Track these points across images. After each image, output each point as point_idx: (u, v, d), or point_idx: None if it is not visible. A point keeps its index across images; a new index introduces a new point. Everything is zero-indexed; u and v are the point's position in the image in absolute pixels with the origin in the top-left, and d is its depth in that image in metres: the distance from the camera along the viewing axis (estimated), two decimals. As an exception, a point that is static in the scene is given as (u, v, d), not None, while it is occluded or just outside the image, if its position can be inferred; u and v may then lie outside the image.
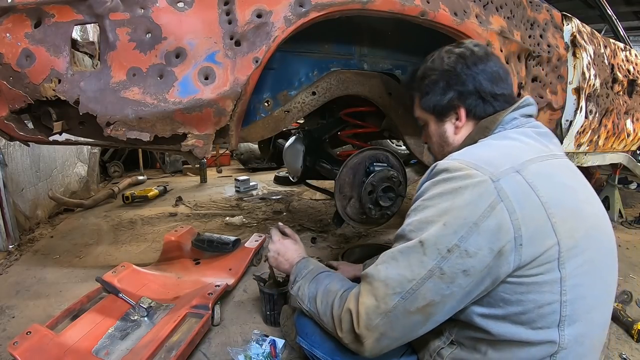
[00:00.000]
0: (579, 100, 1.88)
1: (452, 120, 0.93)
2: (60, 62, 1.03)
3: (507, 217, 0.68)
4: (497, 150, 0.79)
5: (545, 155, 0.79)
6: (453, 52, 0.92)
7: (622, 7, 5.71)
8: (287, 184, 3.74)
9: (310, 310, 0.95)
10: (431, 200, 0.75)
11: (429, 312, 0.73)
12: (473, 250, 0.69)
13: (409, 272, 0.73)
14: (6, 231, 2.16)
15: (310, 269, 1.04)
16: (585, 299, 0.73)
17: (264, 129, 1.45)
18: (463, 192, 0.71)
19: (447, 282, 0.71)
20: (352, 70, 1.56)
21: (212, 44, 1.08)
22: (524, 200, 0.70)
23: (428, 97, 0.94)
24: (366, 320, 0.76)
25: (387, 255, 0.78)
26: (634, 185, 4.08)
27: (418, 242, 0.73)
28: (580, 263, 0.72)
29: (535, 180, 0.72)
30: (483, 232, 0.69)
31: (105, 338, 1.31)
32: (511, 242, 0.68)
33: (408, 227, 0.77)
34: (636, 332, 1.46)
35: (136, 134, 1.08)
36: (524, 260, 0.69)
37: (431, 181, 0.78)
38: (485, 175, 0.71)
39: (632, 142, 2.58)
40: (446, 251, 0.70)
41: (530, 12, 1.65)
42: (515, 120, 0.85)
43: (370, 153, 1.63)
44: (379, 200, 1.59)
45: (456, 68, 0.89)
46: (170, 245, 1.91)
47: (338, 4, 1.14)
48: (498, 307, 0.73)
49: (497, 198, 0.69)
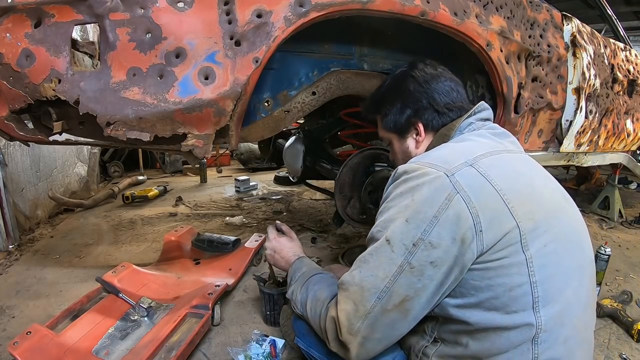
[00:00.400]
0: (579, 100, 1.88)
1: (412, 135, 0.99)
2: (60, 62, 1.03)
3: (464, 207, 0.72)
4: (451, 149, 0.85)
5: (499, 150, 0.84)
6: (404, 74, 1.00)
7: (622, 7, 5.71)
8: (287, 184, 3.74)
9: (303, 315, 0.98)
10: (393, 201, 0.80)
11: (406, 307, 0.76)
12: (436, 241, 0.73)
13: (381, 271, 0.76)
14: (6, 231, 2.16)
15: (303, 272, 1.06)
16: (555, 278, 0.75)
17: (264, 129, 1.45)
18: (421, 188, 0.76)
19: (417, 275, 0.74)
20: (352, 70, 1.56)
21: (212, 44, 1.08)
22: (479, 189, 0.74)
23: (388, 118, 1.01)
24: (347, 326, 0.79)
25: (359, 260, 0.82)
26: (634, 185, 4.08)
27: (385, 240, 0.77)
28: (544, 243, 0.75)
29: (488, 170, 0.77)
30: (443, 222, 0.73)
31: (105, 338, 1.31)
32: (471, 229, 0.72)
33: (375, 229, 0.81)
34: (636, 332, 1.46)
35: (136, 134, 1.08)
36: (486, 245, 0.72)
37: (393, 184, 0.83)
38: (440, 171, 0.76)
39: (632, 142, 2.58)
40: (412, 245, 0.74)
41: (530, 12, 1.65)
42: (472, 125, 0.91)
43: (370, 153, 1.63)
44: (379, 200, 1.59)
45: (409, 88, 0.97)
46: (170, 245, 1.91)
47: (338, 4, 1.14)
48: (470, 295, 0.75)
49: (453, 190, 0.73)
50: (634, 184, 4.08)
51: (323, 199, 3.25)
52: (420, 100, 0.95)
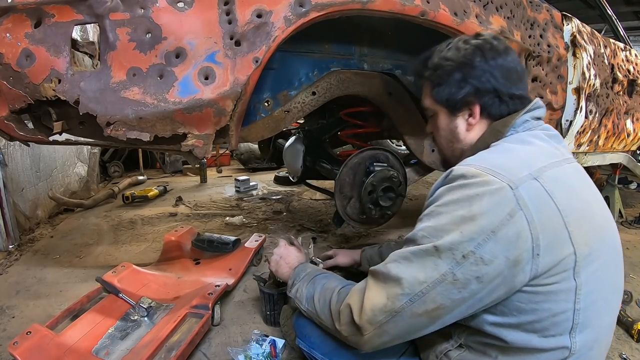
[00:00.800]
0: (579, 100, 1.89)
1: (464, 116, 0.88)
2: (60, 62, 1.03)
3: (525, 226, 0.67)
4: (512, 155, 0.76)
5: (559, 160, 0.77)
6: (470, 43, 0.86)
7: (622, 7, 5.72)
8: (287, 184, 3.74)
9: (308, 310, 0.96)
10: (446, 207, 0.72)
11: (437, 315, 0.72)
12: (488, 258, 0.67)
13: (421, 274, 0.71)
14: (6, 231, 2.16)
15: (308, 272, 1.05)
16: (596, 304, 0.73)
17: (264, 129, 1.46)
18: (481, 199, 0.69)
19: (458, 287, 0.69)
20: (352, 70, 1.56)
21: (212, 44, 1.08)
22: (542, 208, 0.69)
23: (441, 89, 0.88)
24: (370, 315, 0.76)
25: (398, 255, 0.76)
26: (634, 185, 4.09)
27: (433, 247, 0.71)
28: (593, 270, 0.72)
29: (552, 186, 0.71)
30: (500, 240, 0.67)
31: (105, 338, 1.31)
32: (528, 251, 0.67)
33: (421, 233, 0.74)
34: (636, 332, 1.46)
35: (136, 134, 1.08)
36: (540, 270, 0.68)
37: (447, 187, 0.75)
38: (503, 182, 0.69)
39: (632, 142, 2.58)
40: (461, 257, 0.68)
41: (530, 12, 1.65)
42: (527, 123, 0.83)
43: (370, 153, 1.63)
44: (379, 200, 1.59)
45: (474, 61, 0.84)
46: (170, 245, 1.91)
47: (338, 4, 1.14)
48: (512, 315, 0.72)
49: (516, 206, 0.67)
50: (634, 184, 4.08)
51: (323, 199, 3.25)
52: (484, 80, 0.83)
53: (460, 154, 0.90)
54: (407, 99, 1.71)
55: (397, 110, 1.69)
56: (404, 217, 2.79)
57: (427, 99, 0.94)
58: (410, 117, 1.74)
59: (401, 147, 4.11)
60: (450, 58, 0.87)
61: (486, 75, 0.83)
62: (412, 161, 2.01)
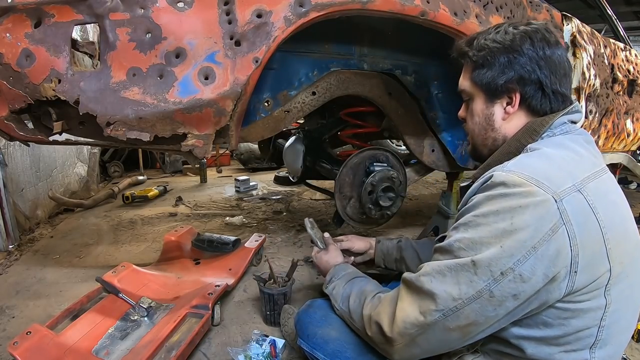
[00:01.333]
0: (579, 100, 1.88)
1: (503, 103, 0.84)
2: (60, 62, 1.03)
3: (567, 242, 0.65)
4: (554, 163, 0.72)
5: (599, 171, 0.74)
6: (520, 28, 0.82)
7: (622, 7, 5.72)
8: (287, 184, 3.74)
9: (341, 310, 0.96)
10: (486, 218, 0.68)
11: (469, 330, 0.71)
12: (527, 275, 0.65)
13: (456, 291, 0.69)
14: (6, 231, 2.16)
15: (348, 272, 1.06)
16: (619, 322, 0.72)
17: (264, 129, 1.46)
18: (524, 212, 0.65)
19: (494, 304, 0.67)
20: (352, 70, 1.56)
21: (212, 44, 1.09)
22: (584, 223, 0.66)
23: (483, 71, 0.83)
24: (402, 328, 0.74)
25: (431, 268, 0.73)
26: (634, 185, 4.09)
27: (470, 261, 0.68)
28: (622, 288, 0.71)
29: (595, 200, 0.68)
30: (541, 257, 0.64)
31: (105, 338, 1.31)
32: (567, 268, 0.65)
33: (457, 244, 0.71)
34: (636, 332, 1.46)
35: (136, 134, 1.08)
36: (576, 287, 0.66)
37: (485, 195, 0.70)
38: (547, 193, 0.65)
39: (632, 142, 2.58)
40: (499, 274, 0.66)
41: (530, 12, 1.65)
42: (564, 126, 0.79)
43: (370, 153, 1.63)
44: (379, 200, 1.59)
45: (522, 47, 0.79)
46: (170, 245, 1.91)
47: (338, 4, 1.14)
48: (537, 329, 0.71)
49: (559, 221, 0.64)
50: (634, 184, 4.08)
51: (323, 199, 3.25)
52: (529, 69, 0.79)
53: (492, 143, 0.87)
54: (407, 99, 1.71)
55: (397, 110, 1.69)
56: (404, 217, 2.79)
57: (465, 81, 0.89)
58: (410, 117, 1.74)
59: (401, 147, 4.11)
60: (498, 40, 0.82)
61: (532, 64, 0.79)
62: (412, 161, 2.01)
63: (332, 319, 0.99)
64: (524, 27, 0.82)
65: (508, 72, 0.81)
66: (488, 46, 0.83)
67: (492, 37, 0.83)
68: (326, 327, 0.99)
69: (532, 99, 0.81)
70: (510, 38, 0.81)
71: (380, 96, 1.64)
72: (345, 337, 0.95)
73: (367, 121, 1.91)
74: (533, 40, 0.80)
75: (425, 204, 3.24)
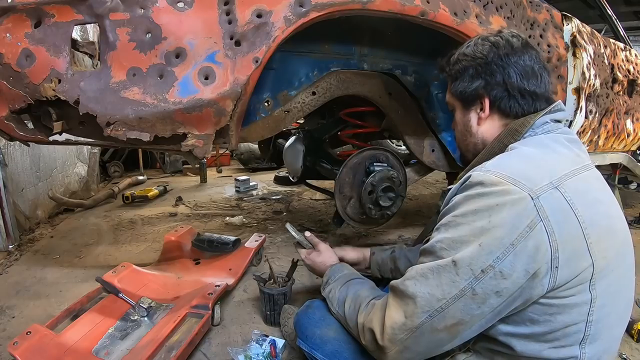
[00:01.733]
0: (579, 100, 1.88)
1: (476, 109, 0.91)
2: (60, 62, 1.03)
3: (545, 239, 0.66)
4: (532, 161, 0.74)
5: (579, 168, 0.76)
6: (488, 40, 0.89)
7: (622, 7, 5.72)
8: (287, 184, 3.74)
9: (337, 314, 0.97)
10: (465, 217, 0.71)
11: (457, 330, 0.72)
12: (508, 272, 0.66)
13: (439, 292, 0.70)
14: (6, 231, 2.16)
15: (344, 273, 1.06)
16: (608, 317, 0.73)
17: (264, 129, 1.46)
18: (501, 210, 0.67)
19: (478, 302, 0.69)
20: (352, 70, 1.56)
21: (212, 44, 1.08)
22: (563, 220, 0.67)
23: (457, 83, 0.92)
24: (391, 334, 0.75)
25: (415, 271, 0.75)
26: (634, 185, 4.08)
27: (451, 261, 0.70)
28: (608, 283, 0.71)
29: (573, 197, 0.69)
30: (520, 253, 0.66)
31: (105, 338, 1.31)
32: (547, 264, 0.66)
33: (439, 245, 0.73)
34: (636, 332, 1.46)
35: (136, 134, 1.08)
36: (558, 283, 0.67)
37: (464, 195, 0.73)
38: (524, 191, 0.67)
39: (632, 142, 2.58)
40: (480, 272, 0.67)
41: (530, 12, 1.65)
42: (546, 125, 0.82)
43: (370, 153, 1.63)
44: (379, 200, 1.59)
45: (487, 57, 0.87)
46: (170, 245, 1.91)
47: (338, 4, 1.14)
48: (524, 325, 0.72)
49: (536, 217, 0.66)
50: (634, 184, 4.08)
51: (323, 199, 3.25)
52: (494, 74, 0.85)
53: (473, 147, 0.93)
54: (407, 99, 1.71)
55: (397, 110, 1.69)
56: (404, 217, 2.79)
57: (447, 94, 0.98)
58: (410, 117, 1.74)
59: (401, 147, 4.11)
60: (467, 54, 0.90)
61: (498, 70, 0.85)
62: (412, 161, 2.01)
63: (331, 320, 1.00)
64: (492, 37, 0.89)
65: (475, 81, 0.88)
66: (459, 60, 0.92)
67: (463, 52, 0.92)
68: (325, 328, 0.99)
69: (501, 102, 0.86)
70: (479, 49, 0.89)
71: (380, 96, 1.64)
72: (344, 337, 0.95)
73: (367, 121, 1.90)
74: (498, 48, 0.87)
75: (425, 204, 3.24)
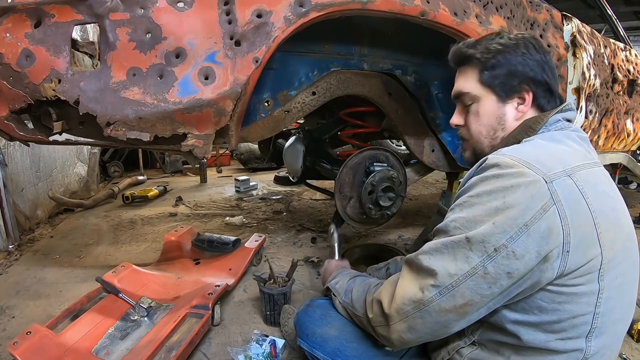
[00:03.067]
0: (578, 100, 1.88)
1: (514, 103, 0.87)
2: (60, 62, 1.03)
3: (558, 222, 0.66)
4: (547, 150, 0.75)
5: (590, 163, 0.76)
6: (518, 37, 0.88)
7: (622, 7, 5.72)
8: (287, 184, 3.74)
9: (344, 302, 0.99)
10: (479, 198, 0.71)
11: (465, 311, 0.71)
12: (520, 252, 0.66)
13: (452, 266, 0.70)
14: (6, 231, 2.16)
15: (351, 272, 1.12)
16: (614, 312, 0.73)
17: (264, 129, 1.45)
18: (515, 190, 0.68)
19: (489, 282, 0.68)
20: (352, 70, 1.56)
21: (212, 44, 1.08)
22: (575, 205, 0.68)
23: (495, 72, 0.86)
24: (400, 304, 0.76)
25: (429, 247, 0.75)
26: (634, 185, 4.08)
27: (464, 237, 0.70)
28: (615, 275, 0.72)
29: (584, 186, 0.70)
30: (533, 234, 0.66)
31: (105, 338, 1.31)
32: (559, 247, 0.66)
33: (452, 224, 0.73)
34: (636, 332, 1.46)
35: (136, 134, 1.08)
36: (568, 268, 0.68)
37: (479, 176, 0.73)
38: (538, 175, 0.68)
39: (632, 142, 2.58)
40: (493, 250, 0.67)
41: (530, 12, 1.65)
42: (559, 123, 0.83)
43: (370, 153, 1.63)
44: (379, 200, 1.59)
45: (529, 50, 0.85)
46: (170, 245, 1.91)
47: (338, 4, 1.14)
48: (532, 314, 0.72)
49: (550, 200, 0.66)
50: (634, 184, 4.08)
51: (323, 199, 3.25)
52: (537, 70, 0.85)
53: (499, 143, 0.89)
54: (407, 99, 1.71)
55: (397, 110, 1.69)
56: (404, 217, 2.79)
57: (470, 84, 0.90)
58: (410, 117, 1.74)
59: (401, 147, 4.11)
60: (507, 44, 0.86)
61: (539, 66, 0.85)
62: (412, 161, 2.01)
63: (332, 318, 1.00)
64: (521, 35, 0.89)
65: (521, 73, 0.85)
66: (498, 49, 0.87)
67: (499, 41, 0.87)
68: (325, 326, 0.99)
69: (542, 99, 0.86)
70: (515, 43, 0.86)
71: (380, 96, 1.64)
72: (345, 335, 0.95)
73: (367, 121, 1.90)
74: (534, 45, 0.86)
75: (425, 204, 3.24)
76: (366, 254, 2.01)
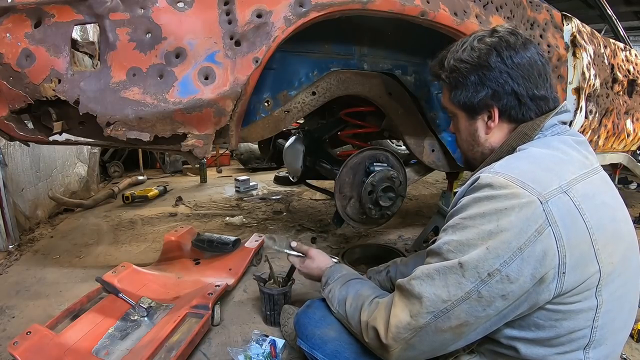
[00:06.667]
0: (579, 100, 1.88)
1: (484, 118, 0.85)
2: (60, 62, 1.03)
3: (553, 244, 0.65)
4: (542, 164, 0.73)
5: (588, 172, 0.75)
6: (485, 41, 0.82)
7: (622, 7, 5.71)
8: (287, 184, 3.74)
9: (338, 313, 0.96)
10: (472, 220, 0.70)
11: (461, 331, 0.71)
12: (514, 276, 0.66)
13: (444, 293, 0.70)
14: (6, 231, 2.16)
15: (343, 274, 1.04)
16: (613, 323, 0.73)
17: (264, 129, 1.46)
18: (509, 214, 0.66)
19: (483, 305, 0.68)
20: (352, 70, 1.56)
21: (212, 44, 1.09)
22: (571, 224, 0.67)
23: (458, 92, 0.85)
24: (395, 333, 0.75)
25: (421, 271, 0.74)
26: (634, 185, 4.08)
27: (457, 263, 0.69)
28: (614, 289, 0.71)
29: (581, 202, 0.69)
30: (527, 258, 0.65)
31: (105, 338, 1.31)
32: (555, 269, 0.66)
33: (446, 247, 0.72)
34: (636, 332, 1.46)
35: (136, 134, 1.08)
36: (565, 288, 0.67)
37: (472, 197, 0.72)
38: (533, 195, 0.66)
39: (632, 142, 2.58)
40: (486, 275, 0.67)
41: (530, 12, 1.65)
42: (555, 127, 0.80)
43: (370, 153, 1.63)
44: (379, 200, 1.59)
45: (489, 61, 0.80)
46: (170, 245, 1.91)
47: (338, 4, 1.14)
48: (530, 330, 0.72)
49: (545, 222, 0.65)
50: (634, 184, 4.07)
51: (323, 199, 3.25)
52: (502, 82, 0.80)
53: (480, 156, 0.89)
54: (407, 99, 1.71)
55: (397, 110, 1.69)
56: (404, 217, 2.79)
57: (446, 101, 0.92)
58: (410, 117, 1.74)
59: (401, 147, 4.11)
60: (465, 60, 0.83)
61: (504, 77, 0.80)
62: (412, 161, 2.01)
63: (331, 320, 0.99)
64: (489, 38, 0.82)
65: (481, 90, 0.82)
66: (457, 67, 0.84)
67: (459, 57, 0.84)
68: (325, 328, 0.99)
69: (511, 110, 0.82)
70: (477, 55, 0.82)
71: (380, 96, 1.64)
72: (344, 337, 0.95)
73: (367, 121, 1.91)
74: (499, 51, 0.80)
75: (425, 204, 3.24)
76: (366, 254, 2.01)
